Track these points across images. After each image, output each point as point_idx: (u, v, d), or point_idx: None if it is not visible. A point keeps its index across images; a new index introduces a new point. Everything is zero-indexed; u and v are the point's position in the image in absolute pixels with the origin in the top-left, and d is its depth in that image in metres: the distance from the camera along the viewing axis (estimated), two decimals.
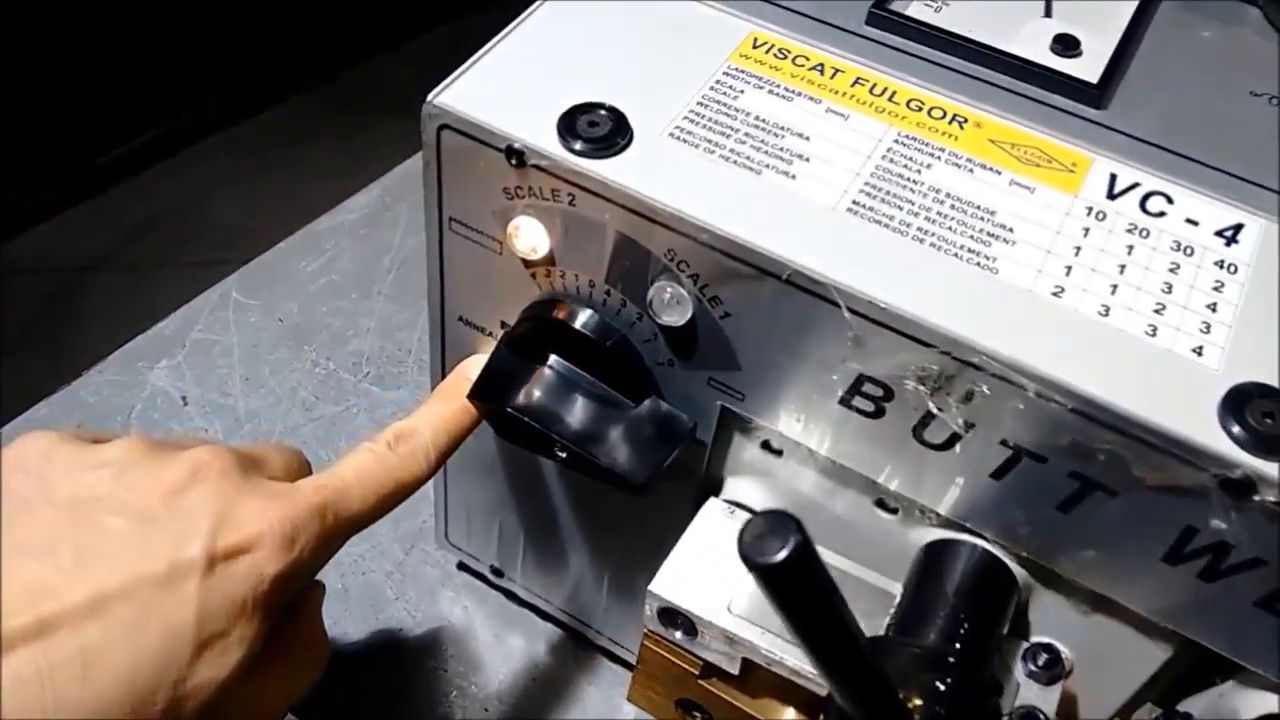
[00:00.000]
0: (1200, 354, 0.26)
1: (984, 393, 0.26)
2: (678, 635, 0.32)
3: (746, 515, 0.34)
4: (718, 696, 0.33)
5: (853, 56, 0.33)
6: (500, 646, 0.47)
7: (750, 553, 0.18)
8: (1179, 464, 0.25)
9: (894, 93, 0.32)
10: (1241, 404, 0.25)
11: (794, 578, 0.18)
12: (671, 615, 0.32)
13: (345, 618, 0.47)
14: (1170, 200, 0.29)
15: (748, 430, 0.33)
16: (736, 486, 0.35)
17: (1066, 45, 0.33)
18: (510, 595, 0.48)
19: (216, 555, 0.26)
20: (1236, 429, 0.25)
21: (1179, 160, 0.30)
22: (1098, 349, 0.26)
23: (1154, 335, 0.26)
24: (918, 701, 0.25)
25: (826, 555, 0.33)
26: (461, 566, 0.49)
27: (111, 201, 1.92)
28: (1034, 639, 0.31)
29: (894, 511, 0.32)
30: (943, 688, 0.26)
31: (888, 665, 0.26)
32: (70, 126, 1.80)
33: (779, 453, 0.33)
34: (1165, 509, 0.26)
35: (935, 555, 0.30)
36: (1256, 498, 0.24)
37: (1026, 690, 0.29)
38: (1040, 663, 0.30)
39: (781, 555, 0.18)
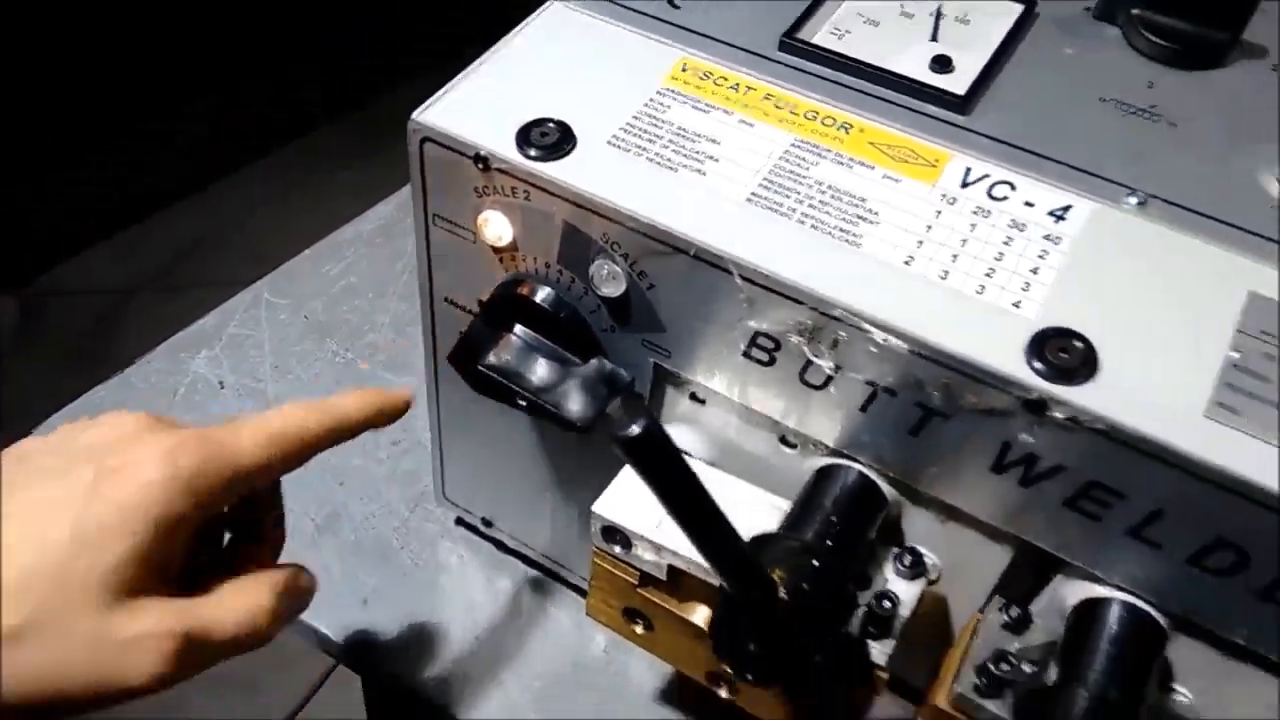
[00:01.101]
0: (1018, 307, 0.33)
1: (845, 340, 0.33)
2: (617, 549, 0.39)
3: None
4: (653, 602, 0.40)
5: (764, 77, 0.40)
6: (490, 588, 0.54)
7: (613, 431, 0.25)
8: (994, 390, 0.31)
9: (795, 105, 0.39)
10: (1042, 343, 0.31)
11: (646, 450, 0.25)
12: (611, 532, 0.39)
13: (358, 566, 0.54)
14: (1013, 187, 0.36)
15: (677, 383, 0.40)
16: (673, 434, 0.42)
17: (943, 64, 0.39)
18: (499, 545, 0.55)
19: (104, 470, 0.32)
20: (1037, 363, 0.31)
21: (1026, 155, 0.37)
22: (934, 303, 0.33)
23: (982, 293, 0.33)
24: (786, 575, 0.32)
25: (744, 486, 0.39)
26: (459, 522, 0.56)
27: (155, 227, 2.03)
28: (905, 546, 0.37)
29: (793, 446, 0.38)
30: (808, 568, 0.32)
31: (769, 552, 0.33)
32: (115, 155, 1.90)
33: (703, 402, 0.40)
34: (987, 428, 0.32)
35: (821, 477, 0.37)
36: (1050, 414, 0.31)
37: (892, 584, 0.36)
38: (906, 563, 0.36)
39: (635, 431, 0.25)
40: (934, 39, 0.41)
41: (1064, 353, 0.31)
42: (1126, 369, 0.31)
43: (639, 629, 0.42)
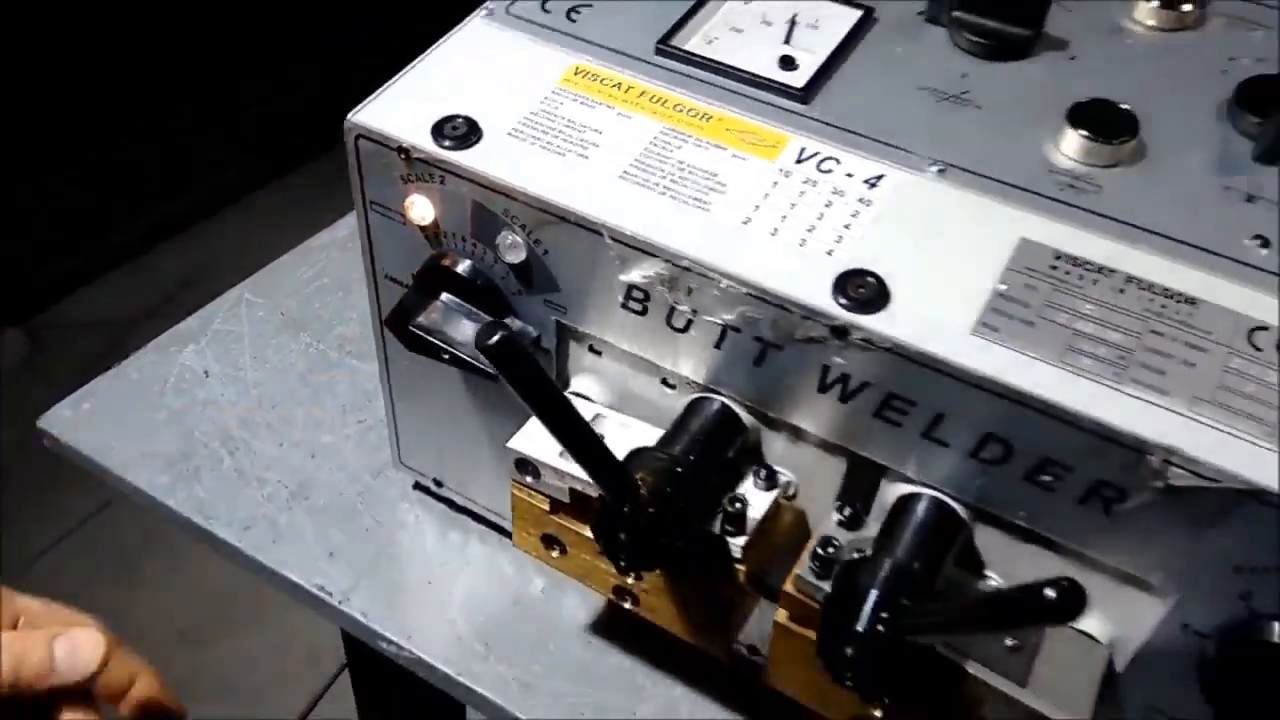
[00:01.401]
0: (830, 254, 0.40)
1: (697, 288, 0.41)
2: (529, 480, 0.46)
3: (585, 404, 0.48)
4: (564, 526, 0.47)
5: (642, 77, 0.47)
6: (443, 541, 0.61)
7: (479, 341, 0.32)
8: (809, 322, 0.39)
9: (665, 100, 0.46)
10: (845, 281, 0.39)
11: (506, 357, 0.33)
12: (524, 464, 0.46)
13: (326, 525, 0.62)
14: (838, 162, 0.44)
15: (577, 337, 0.47)
16: (579, 382, 0.49)
17: (788, 63, 0.47)
18: (450, 504, 0.62)
19: None
20: (841, 298, 0.39)
21: (852, 135, 0.45)
22: (764, 254, 0.40)
23: (803, 245, 0.41)
24: (648, 477, 0.39)
25: (640, 425, 0.47)
26: (416, 486, 0.64)
27: (159, 259, 2.11)
28: (763, 464, 0.44)
29: (673, 387, 0.46)
30: (670, 474, 0.40)
31: (640, 462, 0.40)
32: (116, 192, 1.98)
33: (599, 353, 0.47)
34: (809, 355, 0.40)
35: (689, 408, 0.44)
36: (852, 339, 0.38)
37: (750, 495, 0.43)
38: (761, 477, 0.43)
39: (494, 340, 0.32)
40: (787, 42, 0.49)
41: (862, 288, 0.39)
42: (913, 300, 0.38)
43: (555, 554, 0.49)
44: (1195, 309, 0.38)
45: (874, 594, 0.37)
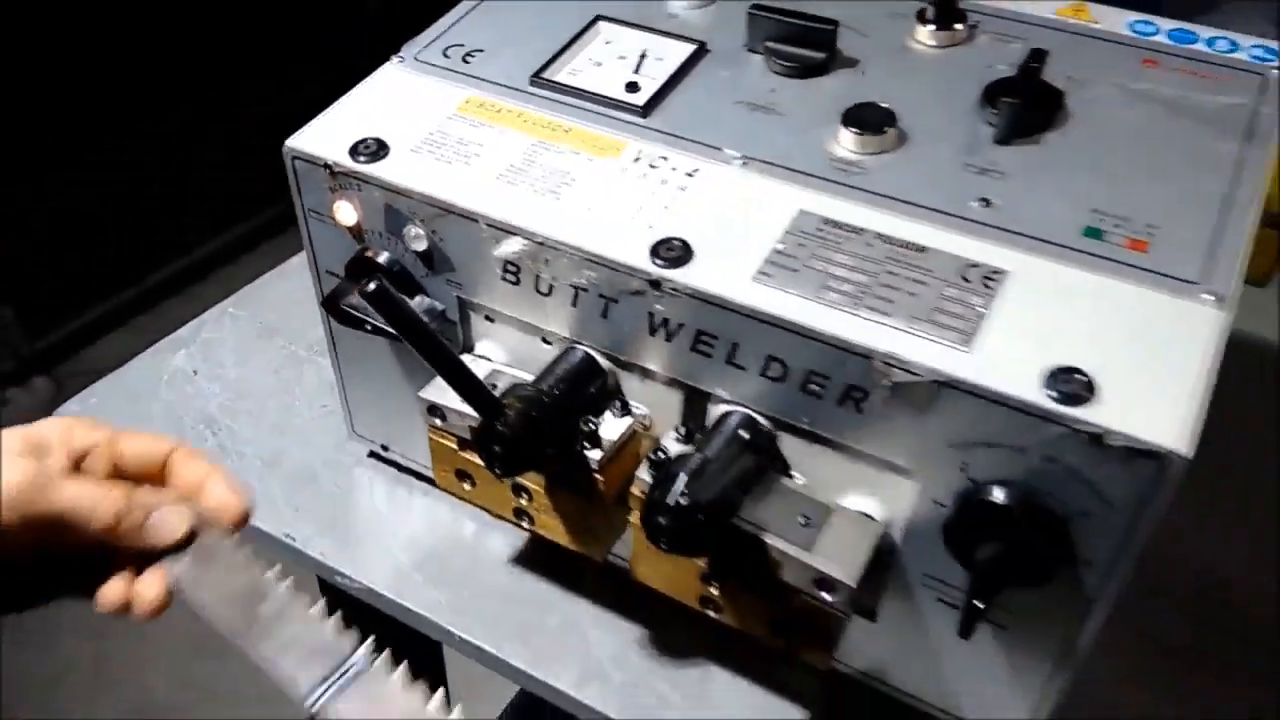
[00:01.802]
0: (651, 227, 0.52)
1: (552, 259, 0.53)
2: (439, 422, 0.58)
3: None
4: (470, 460, 0.58)
5: (519, 103, 0.60)
6: (391, 497, 0.72)
7: (360, 291, 0.44)
8: (634, 279, 0.51)
9: (535, 120, 0.59)
10: (659, 246, 0.51)
11: (382, 301, 0.45)
12: (434, 409, 0.57)
13: (292, 489, 0.73)
14: (666, 159, 0.56)
15: (475, 308, 0.59)
16: (481, 346, 0.61)
17: (632, 88, 0.59)
18: (399, 467, 0.74)
19: None
20: (656, 258, 0.50)
21: (679, 139, 0.57)
22: (600, 229, 0.52)
23: (631, 221, 0.52)
24: (516, 403, 0.51)
25: (528, 377, 0.58)
26: (371, 454, 0.75)
27: (159, 318, 2.24)
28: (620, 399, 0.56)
29: (549, 343, 0.57)
30: (537, 401, 0.51)
31: (514, 393, 0.52)
32: (121, 250, 2.11)
33: (492, 320, 0.59)
34: (640, 305, 0.51)
35: (559, 357, 0.56)
36: (664, 289, 0.50)
37: (606, 423, 0.54)
38: (617, 409, 0.55)
39: (370, 287, 0.44)
40: (636, 71, 0.61)
41: (671, 250, 0.50)
42: (710, 257, 0.50)
43: (467, 486, 0.61)
44: (924, 254, 0.50)
45: (681, 476, 0.48)
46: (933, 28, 0.61)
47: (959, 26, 0.61)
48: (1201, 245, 0.49)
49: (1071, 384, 0.44)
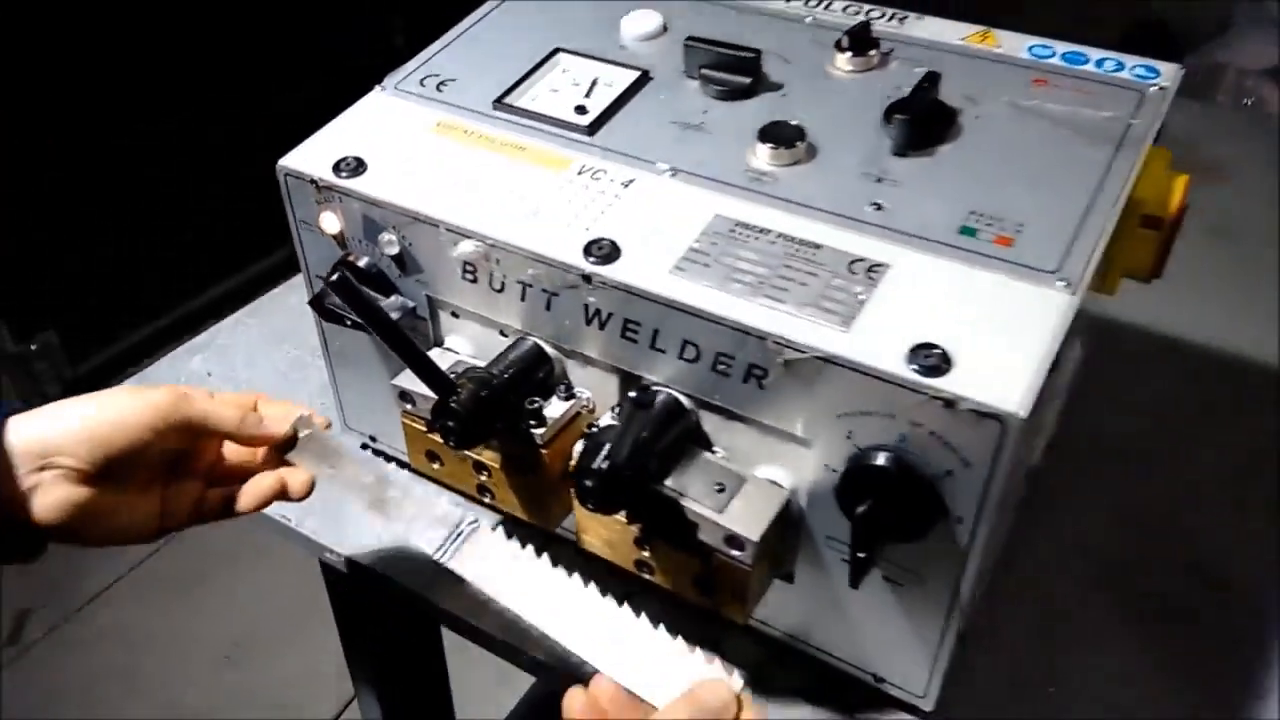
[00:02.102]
0: (588, 229, 0.60)
1: (502, 258, 0.60)
2: (409, 407, 0.66)
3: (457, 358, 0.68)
4: (436, 440, 0.66)
5: (483, 125, 0.68)
6: (379, 481, 0.80)
7: (326, 281, 0.52)
8: (571, 274, 0.58)
9: (496, 139, 0.67)
10: (591, 245, 0.58)
11: (346, 290, 0.53)
12: (405, 395, 0.65)
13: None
14: (605, 172, 0.63)
15: (442, 305, 0.67)
16: (449, 340, 0.69)
17: (582, 110, 0.67)
18: (385, 456, 0.81)
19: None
20: (589, 256, 0.58)
21: (619, 155, 0.64)
22: (543, 231, 0.60)
23: (569, 225, 0.60)
24: (468, 383, 0.58)
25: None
26: (364, 446, 0.83)
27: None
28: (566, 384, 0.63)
29: (505, 335, 0.65)
30: (487, 381, 0.59)
31: (468, 375, 0.60)
32: (163, 275, 2.22)
33: (458, 316, 0.67)
34: (576, 297, 0.59)
35: (511, 346, 0.63)
36: (595, 283, 0.57)
37: (554, 405, 0.62)
38: (562, 392, 0.62)
39: (335, 278, 0.52)
40: (586, 96, 0.69)
41: (602, 248, 0.58)
42: (636, 255, 0.58)
43: (436, 465, 0.68)
44: (818, 250, 0.57)
45: (605, 446, 0.55)
46: (849, 55, 0.68)
47: (873, 53, 0.68)
48: (1061, 240, 0.56)
49: (931, 358, 0.50)
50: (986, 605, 0.70)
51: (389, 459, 0.81)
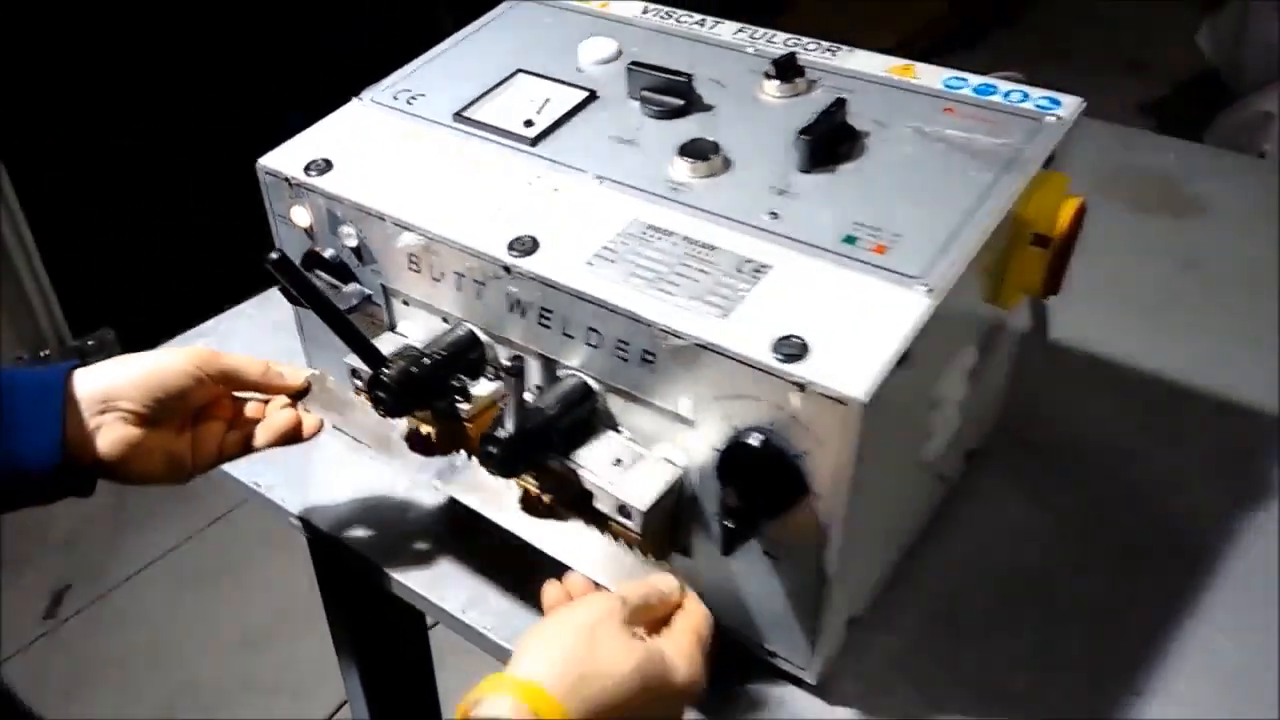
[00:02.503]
0: (515, 227, 0.66)
1: (437, 251, 0.68)
2: (358, 382, 0.73)
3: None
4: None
5: (441, 134, 0.75)
6: (342, 459, 0.87)
7: (267, 260, 0.60)
8: (494, 266, 0.65)
9: (451, 147, 0.74)
10: (515, 241, 0.65)
11: (283, 269, 0.60)
12: (355, 371, 0.72)
13: (272, 460, 0.89)
14: (540, 177, 0.70)
15: (394, 293, 0.74)
16: (402, 325, 0.76)
17: (528, 124, 0.75)
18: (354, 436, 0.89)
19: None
20: (511, 250, 0.65)
21: (558, 164, 0.71)
22: (475, 225, 0.67)
23: (497, 222, 0.67)
24: (399, 359, 0.65)
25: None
26: (336, 429, 0.90)
27: None
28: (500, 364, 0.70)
29: (447, 322, 0.72)
30: (417, 359, 0.66)
31: (402, 353, 0.67)
32: (217, 273, 2.33)
33: (408, 303, 0.74)
34: (499, 287, 0.66)
35: (446, 331, 0.70)
36: (515, 274, 0.64)
37: (482, 385, 0.68)
38: (490, 373, 0.69)
39: (271, 256, 0.59)
40: (538, 112, 0.76)
41: (524, 244, 0.65)
42: (554, 250, 0.64)
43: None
44: (714, 252, 0.63)
45: (514, 423, 0.61)
46: (777, 82, 0.74)
47: (799, 81, 0.74)
48: (931, 251, 0.61)
49: (792, 347, 0.56)
50: (892, 594, 0.75)
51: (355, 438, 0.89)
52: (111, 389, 0.66)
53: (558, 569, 0.68)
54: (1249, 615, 0.75)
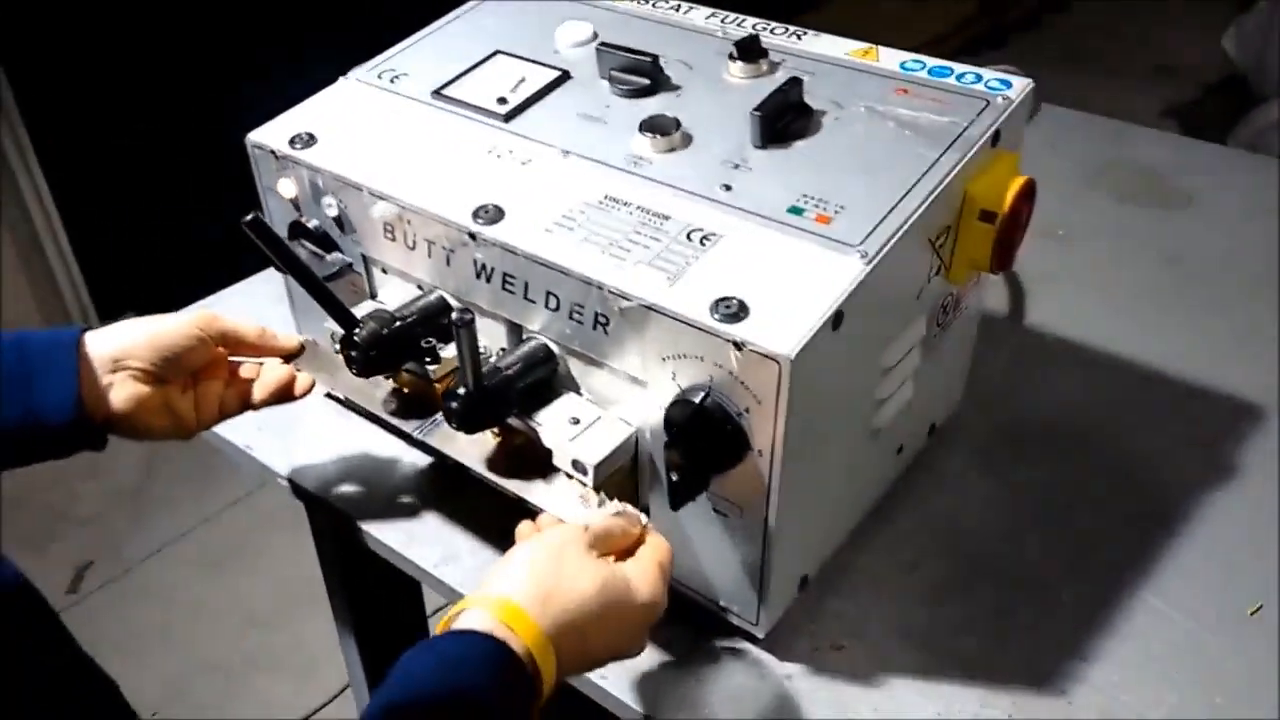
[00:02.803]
0: (482, 197, 0.70)
1: (411, 220, 0.71)
2: (337, 346, 0.76)
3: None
4: None
5: (419, 110, 0.79)
6: (331, 425, 0.91)
7: (243, 222, 0.63)
8: (460, 234, 0.68)
9: (428, 122, 0.78)
10: (479, 209, 0.68)
11: (259, 231, 0.64)
12: (334, 335, 0.76)
13: (260, 416, 0.93)
14: (511, 151, 0.74)
15: (373, 262, 0.78)
16: (382, 294, 0.79)
17: (502, 101, 0.78)
18: (342, 402, 0.92)
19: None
20: (477, 218, 0.68)
21: (525, 139, 0.74)
22: (446, 194, 0.70)
23: (468, 192, 0.70)
24: (370, 321, 0.69)
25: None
26: (327, 395, 0.94)
27: None
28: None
29: (423, 289, 0.75)
30: (388, 321, 0.69)
31: (373, 316, 0.70)
32: None
33: (386, 271, 0.78)
34: (466, 254, 0.69)
35: (419, 297, 0.74)
36: (480, 240, 0.68)
37: (449, 347, 0.72)
38: (451, 324, 0.72)
39: (248, 218, 0.63)
40: (512, 91, 0.80)
41: (488, 212, 0.68)
42: (518, 218, 0.68)
43: None
44: (666, 221, 0.66)
45: (470, 378, 0.65)
46: (741, 64, 0.77)
47: (762, 63, 0.77)
48: (871, 221, 0.64)
49: (730, 308, 0.59)
50: (846, 557, 0.78)
51: (344, 404, 0.93)
52: (122, 349, 0.70)
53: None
54: (1203, 589, 0.77)
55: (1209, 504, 0.84)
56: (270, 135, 0.78)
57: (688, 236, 0.65)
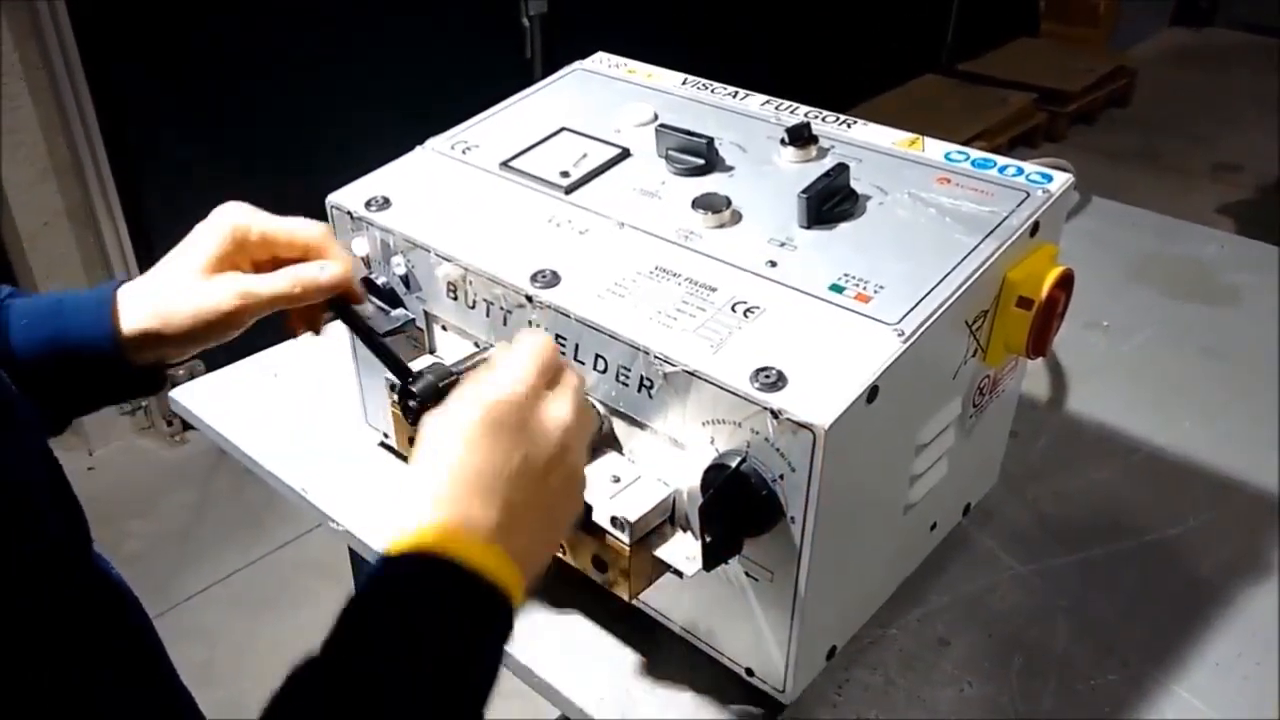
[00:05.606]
0: (541, 262, 0.74)
1: (473, 281, 0.75)
2: (395, 397, 0.80)
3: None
4: (404, 423, 0.80)
5: (487, 180, 0.84)
6: (380, 466, 0.95)
7: (329, 305, 0.68)
8: (522, 297, 0.73)
9: (495, 191, 0.82)
10: (537, 274, 0.73)
11: (340, 307, 0.68)
12: (393, 387, 0.80)
13: (321, 470, 0.97)
14: (571, 221, 0.78)
15: (435, 319, 0.82)
16: (440, 349, 0.84)
17: (565, 175, 0.83)
18: (394, 451, 0.96)
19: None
20: (534, 283, 0.72)
21: (585, 210, 0.79)
22: (505, 262, 0.75)
23: (529, 258, 0.75)
24: (428, 374, 0.73)
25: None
26: (380, 444, 0.98)
27: None
28: None
29: (479, 346, 0.80)
30: (445, 375, 0.73)
31: (431, 370, 0.74)
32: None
33: (445, 329, 0.82)
34: (521, 315, 0.73)
35: (476, 351, 0.78)
36: (537, 304, 0.72)
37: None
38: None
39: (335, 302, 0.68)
40: (574, 165, 0.84)
41: (545, 277, 0.72)
42: (575, 284, 0.72)
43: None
44: (713, 292, 0.70)
45: None
46: (792, 149, 0.82)
47: (811, 148, 0.81)
48: (909, 301, 0.67)
49: (770, 377, 0.62)
50: (875, 630, 0.79)
51: (395, 454, 0.97)
52: (161, 317, 0.71)
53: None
54: (1234, 685, 0.77)
55: (1243, 598, 0.84)
56: (348, 197, 0.84)
57: (732, 308, 0.68)
